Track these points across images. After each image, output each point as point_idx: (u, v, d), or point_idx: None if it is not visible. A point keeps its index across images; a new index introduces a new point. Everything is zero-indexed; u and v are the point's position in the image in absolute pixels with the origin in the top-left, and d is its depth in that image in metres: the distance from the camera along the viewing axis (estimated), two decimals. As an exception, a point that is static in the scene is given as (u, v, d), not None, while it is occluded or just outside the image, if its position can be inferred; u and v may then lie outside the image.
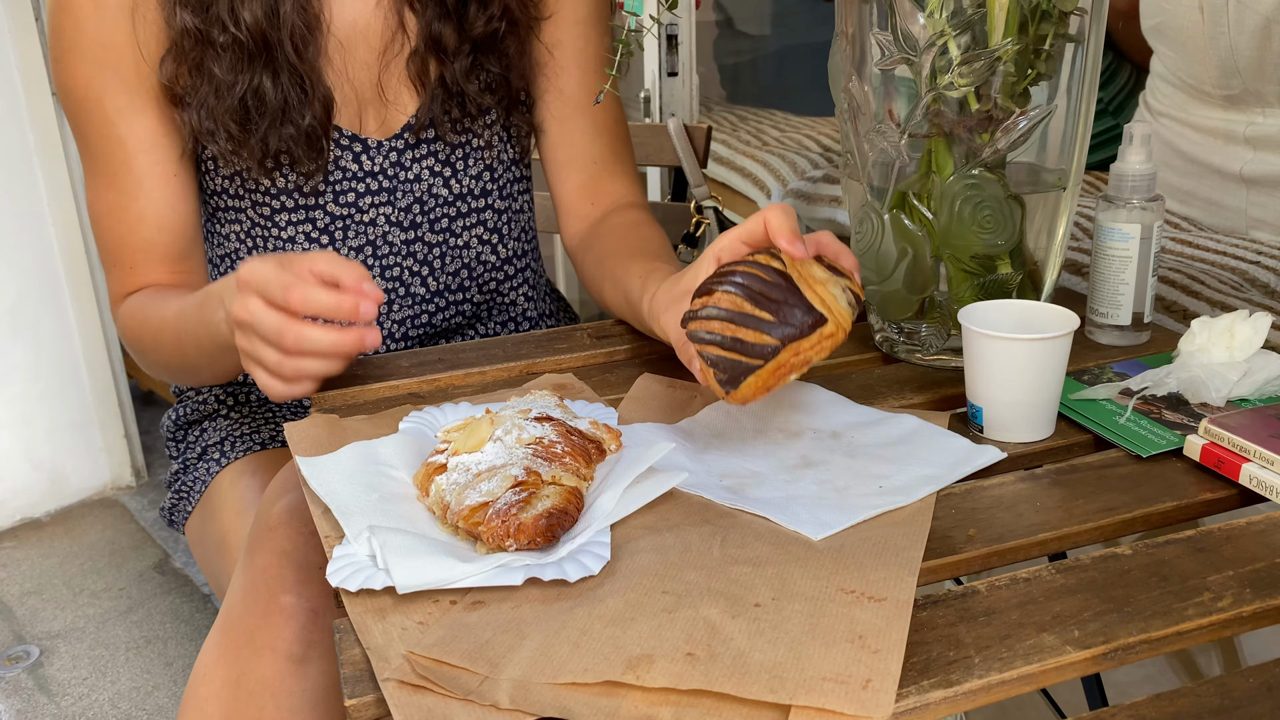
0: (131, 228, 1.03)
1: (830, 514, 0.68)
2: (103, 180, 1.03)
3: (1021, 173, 0.89)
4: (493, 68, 1.07)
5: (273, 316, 0.78)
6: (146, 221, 1.03)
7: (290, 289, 0.77)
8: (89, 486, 2.43)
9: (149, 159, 1.02)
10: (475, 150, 1.10)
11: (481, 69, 1.06)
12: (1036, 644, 0.57)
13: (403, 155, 1.07)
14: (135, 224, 1.03)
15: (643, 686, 0.53)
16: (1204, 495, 0.72)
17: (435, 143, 1.08)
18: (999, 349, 0.77)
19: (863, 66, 0.88)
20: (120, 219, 1.03)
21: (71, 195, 2.25)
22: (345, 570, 0.63)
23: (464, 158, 1.10)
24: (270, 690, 0.78)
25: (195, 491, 1.12)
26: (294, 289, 0.77)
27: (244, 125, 0.99)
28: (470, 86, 1.05)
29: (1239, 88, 1.44)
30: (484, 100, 1.07)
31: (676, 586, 0.61)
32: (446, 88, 1.05)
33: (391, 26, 1.03)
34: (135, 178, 1.02)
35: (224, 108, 0.98)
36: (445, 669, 0.55)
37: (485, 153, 1.11)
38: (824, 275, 0.74)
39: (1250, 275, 1.28)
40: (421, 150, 1.08)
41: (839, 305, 0.72)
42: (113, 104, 1.00)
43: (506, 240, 1.15)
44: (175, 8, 0.97)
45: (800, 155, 2.16)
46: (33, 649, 1.91)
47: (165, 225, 1.04)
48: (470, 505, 0.66)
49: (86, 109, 1.01)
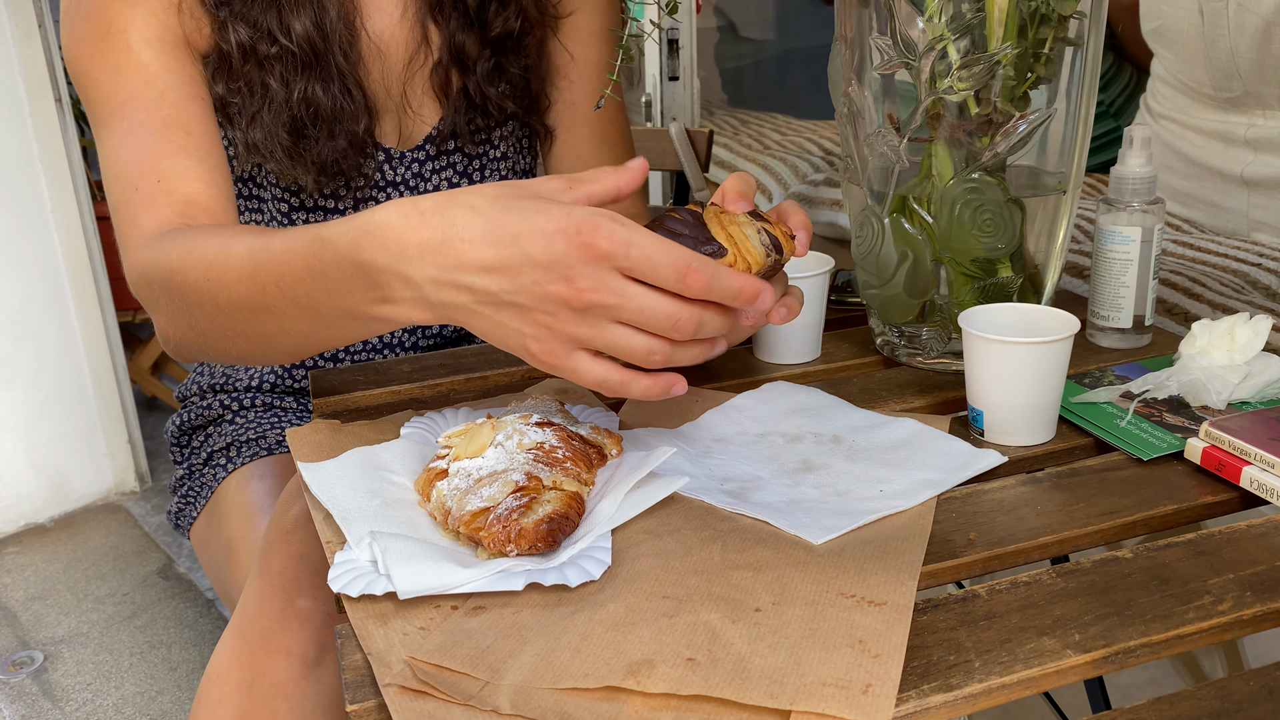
0: (164, 155, 0.89)
1: (831, 518, 0.68)
2: (128, 123, 0.90)
3: (1022, 176, 0.89)
4: (514, 69, 1.07)
5: (662, 302, 0.62)
6: (187, 151, 0.90)
7: (691, 272, 0.62)
8: (93, 492, 2.43)
9: (186, 90, 0.92)
10: (492, 161, 1.11)
11: (503, 71, 1.07)
12: (1037, 648, 0.57)
13: (424, 166, 1.08)
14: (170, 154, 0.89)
15: (643, 692, 0.53)
16: (1205, 498, 0.72)
17: (455, 154, 1.09)
18: (1000, 352, 0.77)
19: (862, 71, 0.88)
20: (150, 149, 0.89)
21: (74, 201, 2.26)
22: (347, 576, 0.63)
23: (481, 169, 1.10)
24: (284, 693, 0.79)
25: (201, 496, 1.13)
26: (696, 272, 0.62)
27: (297, 138, 0.99)
28: (492, 90, 1.06)
29: (1239, 90, 1.44)
30: (506, 105, 1.07)
31: (677, 591, 0.61)
32: (469, 98, 1.06)
33: (416, 38, 1.04)
34: (170, 105, 0.91)
35: (278, 120, 0.98)
36: (446, 674, 0.55)
37: (501, 164, 1.11)
38: (744, 220, 0.71)
39: (1252, 278, 1.28)
40: (441, 162, 1.08)
41: (747, 243, 0.70)
42: (139, 36, 0.91)
43: None
44: (228, 22, 0.95)
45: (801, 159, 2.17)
46: (37, 654, 1.92)
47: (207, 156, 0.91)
48: (471, 510, 0.66)
49: (111, 43, 0.90)
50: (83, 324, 2.33)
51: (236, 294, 0.75)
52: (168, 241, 0.82)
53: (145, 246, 0.85)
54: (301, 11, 0.96)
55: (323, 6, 0.97)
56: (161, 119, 0.90)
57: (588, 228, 0.60)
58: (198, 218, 0.87)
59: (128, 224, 0.87)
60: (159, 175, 0.87)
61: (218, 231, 0.79)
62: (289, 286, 0.71)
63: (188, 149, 0.90)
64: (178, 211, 0.87)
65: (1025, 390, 0.77)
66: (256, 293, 0.73)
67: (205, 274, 0.77)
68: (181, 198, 0.87)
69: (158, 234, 0.85)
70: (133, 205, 0.87)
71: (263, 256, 0.72)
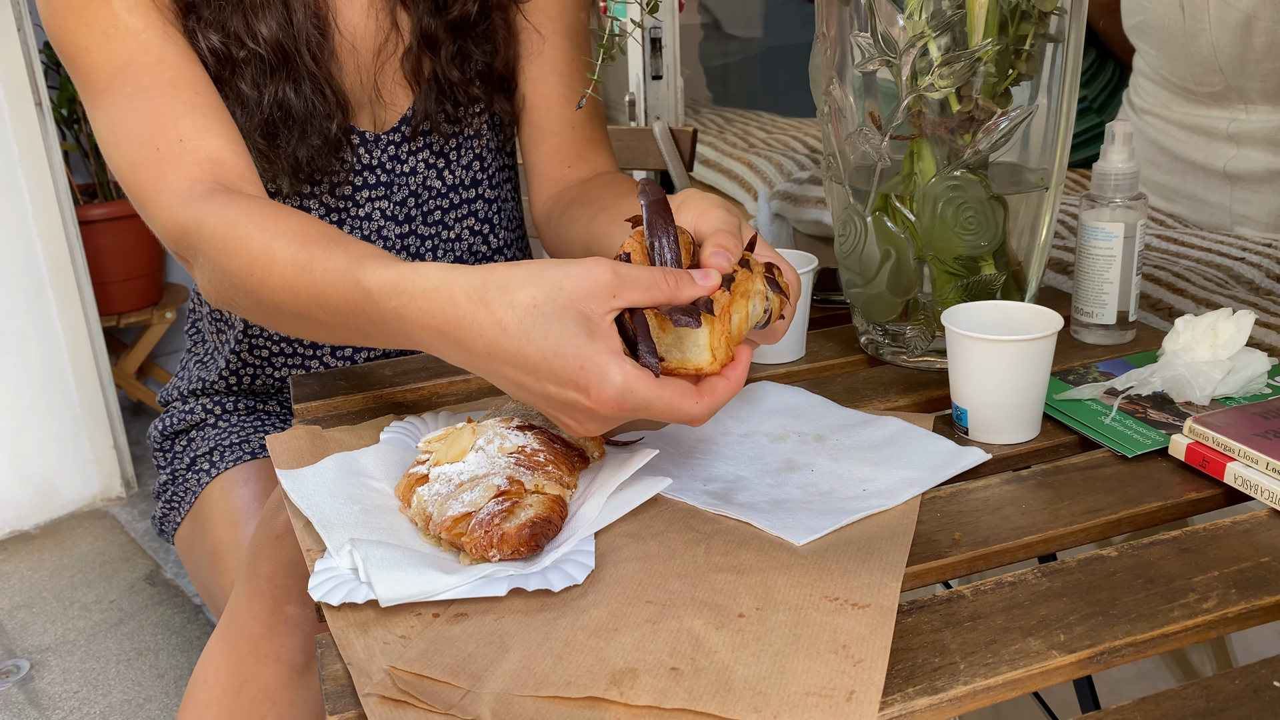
0: (180, 115, 0.88)
1: (814, 518, 0.68)
2: (131, 88, 0.89)
3: (1004, 173, 0.89)
4: (477, 54, 1.06)
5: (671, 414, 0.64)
6: (201, 110, 0.89)
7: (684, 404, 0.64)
8: (78, 498, 2.42)
9: (182, 53, 0.91)
10: (467, 140, 1.10)
11: (466, 56, 1.06)
12: (1022, 649, 0.57)
13: (399, 149, 1.07)
14: (185, 113, 0.88)
15: (626, 703, 0.52)
16: (1189, 495, 0.72)
17: (430, 135, 1.08)
18: (982, 351, 0.76)
19: (843, 69, 0.88)
20: (163, 109, 0.88)
21: (56, 205, 2.25)
22: (327, 584, 0.62)
23: (456, 148, 1.10)
24: (272, 699, 0.79)
25: (185, 502, 1.12)
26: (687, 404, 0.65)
27: (271, 140, 0.99)
28: (456, 74, 1.05)
29: (1221, 85, 1.44)
30: (471, 90, 1.06)
31: (660, 596, 0.60)
32: (439, 83, 1.05)
33: (385, 27, 1.03)
34: (171, 68, 0.89)
35: (251, 123, 0.97)
36: (427, 683, 0.55)
37: (475, 141, 1.11)
38: (758, 283, 0.69)
39: (1235, 272, 1.28)
40: (418, 143, 1.08)
41: (745, 310, 0.68)
42: (122, 4, 0.89)
43: (497, 230, 1.15)
44: (197, 30, 0.94)
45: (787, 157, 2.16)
46: (23, 663, 1.90)
47: (220, 114, 0.90)
48: (453, 516, 0.65)
49: (94, 10, 0.89)
50: (66, 329, 2.31)
51: (280, 299, 0.76)
52: (206, 207, 0.82)
53: (180, 205, 0.84)
54: (267, 14, 0.95)
55: (290, 7, 0.96)
56: (166, 81, 0.89)
57: (594, 386, 0.62)
58: (226, 177, 0.87)
59: (154, 181, 0.86)
60: (179, 135, 0.87)
61: (257, 217, 0.79)
62: (332, 313, 0.73)
63: (201, 108, 0.89)
64: (207, 171, 0.86)
65: (1009, 388, 0.77)
66: (300, 305, 0.75)
67: (249, 268, 0.77)
68: (207, 157, 0.87)
69: (191, 193, 0.84)
70: (157, 164, 0.86)
71: (305, 278, 0.73)
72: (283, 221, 0.77)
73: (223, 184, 0.86)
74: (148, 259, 2.75)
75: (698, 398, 0.64)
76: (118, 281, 2.70)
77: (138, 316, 2.75)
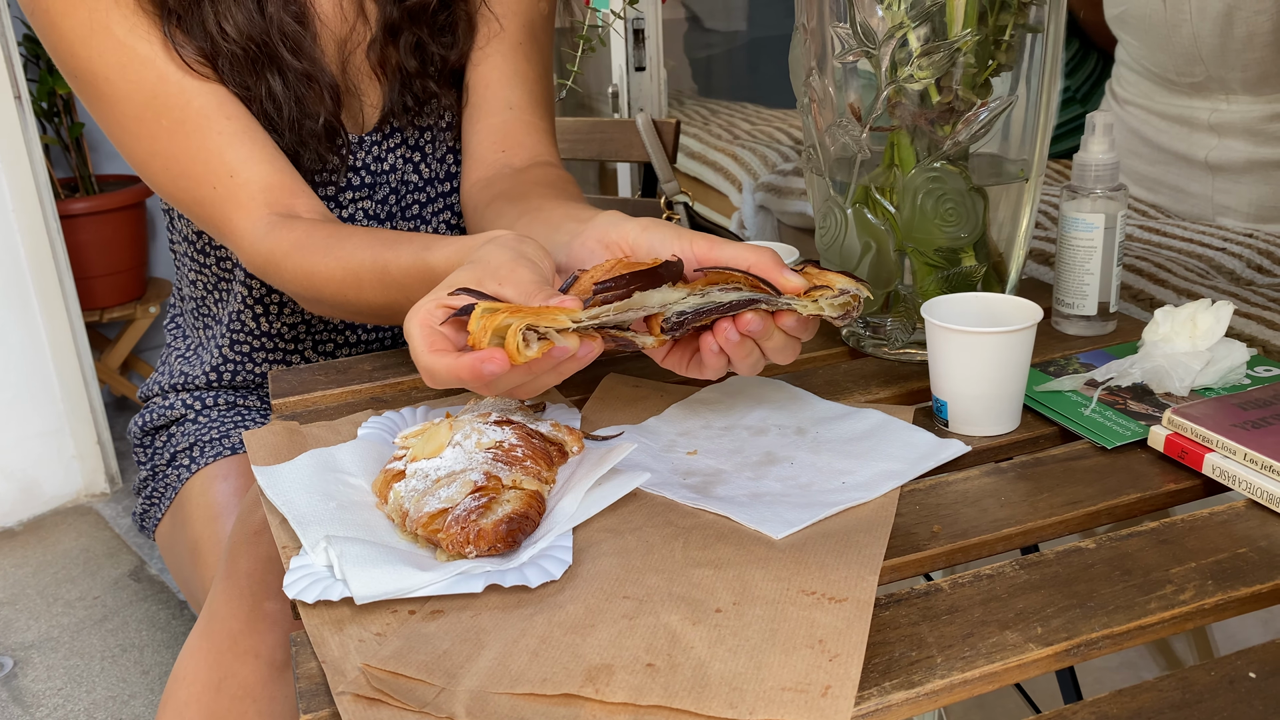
0: (223, 148, 0.92)
1: (793, 511, 0.68)
2: (166, 121, 0.92)
3: (984, 164, 0.89)
4: (434, 46, 1.04)
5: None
6: (239, 137, 0.93)
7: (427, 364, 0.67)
8: (62, 494, 2.41)
9: (193, 78, 0.93)
10: (440, 133, 1.09)
11: (425, 46, 1.04)
12: (999, 642, 0.57)
13: (380, 147, 1.06)
14: (228, 145, 0.92)
15: (601, 700, 0.52)
16: (1168, 486, 0.72)
17: (406, 129, 1.07)
18: (962, 343, 0.76)
19: (823, 60, 0.87)
20: (206, 144, 0.92)
21: (37, 199, 2.23)
22: (302, 582, 0.62)
23: (431, 140, 1.09)
24: (252, 695, 0.79)
25: (165, 498, 1.11)
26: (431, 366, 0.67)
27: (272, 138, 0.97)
28: (412, 63, 1.03)
29: (1202, 75, 1.44)
30: (428, 84, 1.05)
31: (638, 591, 0.60)
32: (403, 75, 1.04)
33: (351, 17, 1.02)
34: (197, 95, 0.92)
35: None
36: (401, 681, 0.54)
37: (448, 134, 1.09)
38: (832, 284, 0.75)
39: (1216, 262, 1.29)
40: (395, 140, 1.07)
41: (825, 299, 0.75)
42: (121, 27, 0.91)
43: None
44: (176, 38, 0.93)
45: (771, 148, 2.16)
46: (6, 660, 1.89)
47: (254, 134, 0.94)
48: (429, 512, 0.65)
49: (101, 39, 0.91)
50: (48, 324, 2.29)
51: (371, 301, 0.85)
52: (278, 249, 0.89)
53: (253, 247, 0.91)
54: (233, 9, 0.94)
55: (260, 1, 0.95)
56: (197, 110, 0.92)
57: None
58: (280, 201, 0.92)
59: (221, 221, 0.93)
60: (228, 171, 0.92)
61: (323, 249, 0.86)
62: (415, 295, 0.76)
63: (238, 134, 0.93)
64: (263, 202, 0.92)
65: (988, 380, 0.77)
66: (388, 300, 0.83)
67: (340, 293, 0.86)
68: (261, 187, 0.92)
69: (256, 232, 0.91)
70: (219, 204, 0.92)
71: (387, 278, 0.82)
72: (348, 242, 0.85)
73: (281, 210, 0.92)
74: (130, 253, 2.73)
75: (440, 354, 0.65)
76: (100, 276, 2.68)
77: (121, 311, 2.73)
